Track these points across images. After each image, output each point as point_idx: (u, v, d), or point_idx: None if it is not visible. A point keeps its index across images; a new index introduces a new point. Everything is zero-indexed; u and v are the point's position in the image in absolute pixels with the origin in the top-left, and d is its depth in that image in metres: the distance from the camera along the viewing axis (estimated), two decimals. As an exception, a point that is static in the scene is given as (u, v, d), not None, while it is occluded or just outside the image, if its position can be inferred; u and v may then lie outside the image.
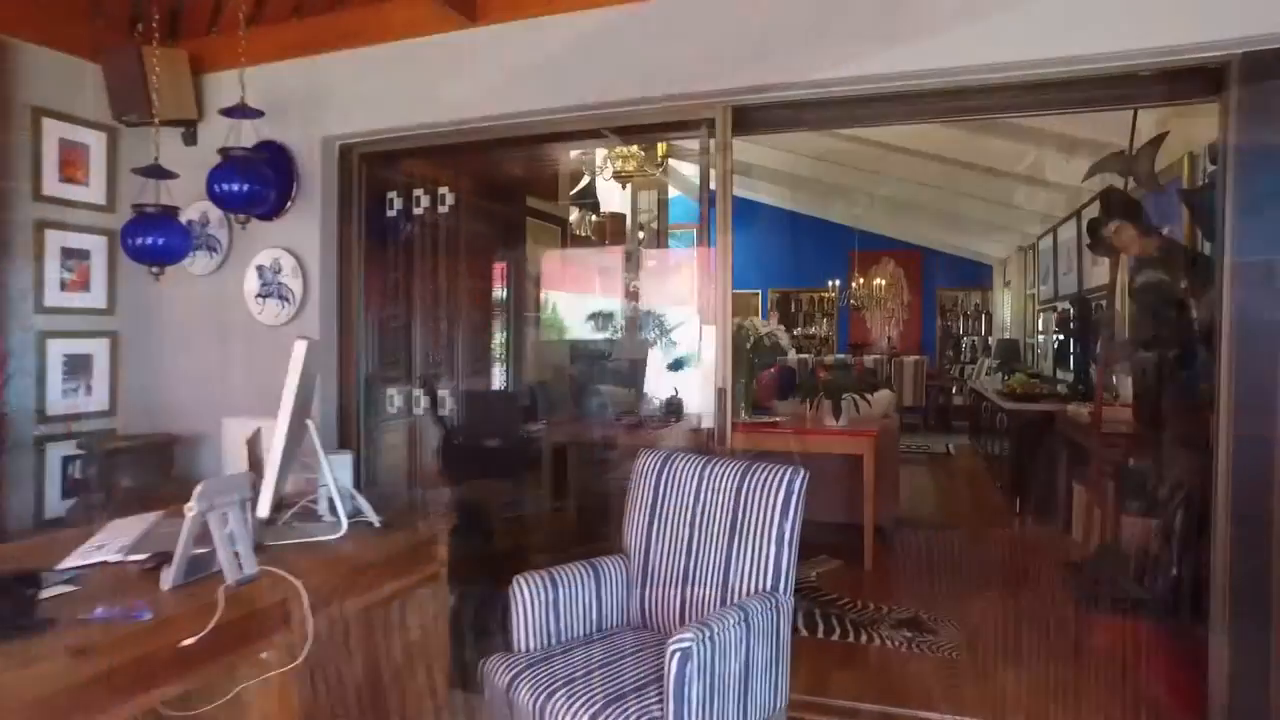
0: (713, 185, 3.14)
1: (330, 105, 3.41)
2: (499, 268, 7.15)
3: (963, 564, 4.83)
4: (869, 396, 4.91)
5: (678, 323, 5.85)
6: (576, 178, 9.98)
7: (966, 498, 6.83)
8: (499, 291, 6.79)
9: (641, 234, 11.50)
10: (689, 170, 13.22)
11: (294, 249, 3.47)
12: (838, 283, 11.76)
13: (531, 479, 4.53)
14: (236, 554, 1.76)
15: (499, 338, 6.01)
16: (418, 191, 3.63)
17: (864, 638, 3.68)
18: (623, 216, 10.05)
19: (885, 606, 4.06)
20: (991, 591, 4.30)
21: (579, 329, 8.87)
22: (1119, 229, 3.71)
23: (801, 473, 2.23)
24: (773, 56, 2.75)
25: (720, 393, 2.87)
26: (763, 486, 2.25)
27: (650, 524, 2.50)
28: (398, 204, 3.65)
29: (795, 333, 14.46)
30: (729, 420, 2.87)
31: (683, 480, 2.46)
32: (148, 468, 3.48)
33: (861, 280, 11.98)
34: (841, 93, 2.82)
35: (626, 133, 3.36)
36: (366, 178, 3.61)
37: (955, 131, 6.64)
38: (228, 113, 3.17)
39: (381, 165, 3.66)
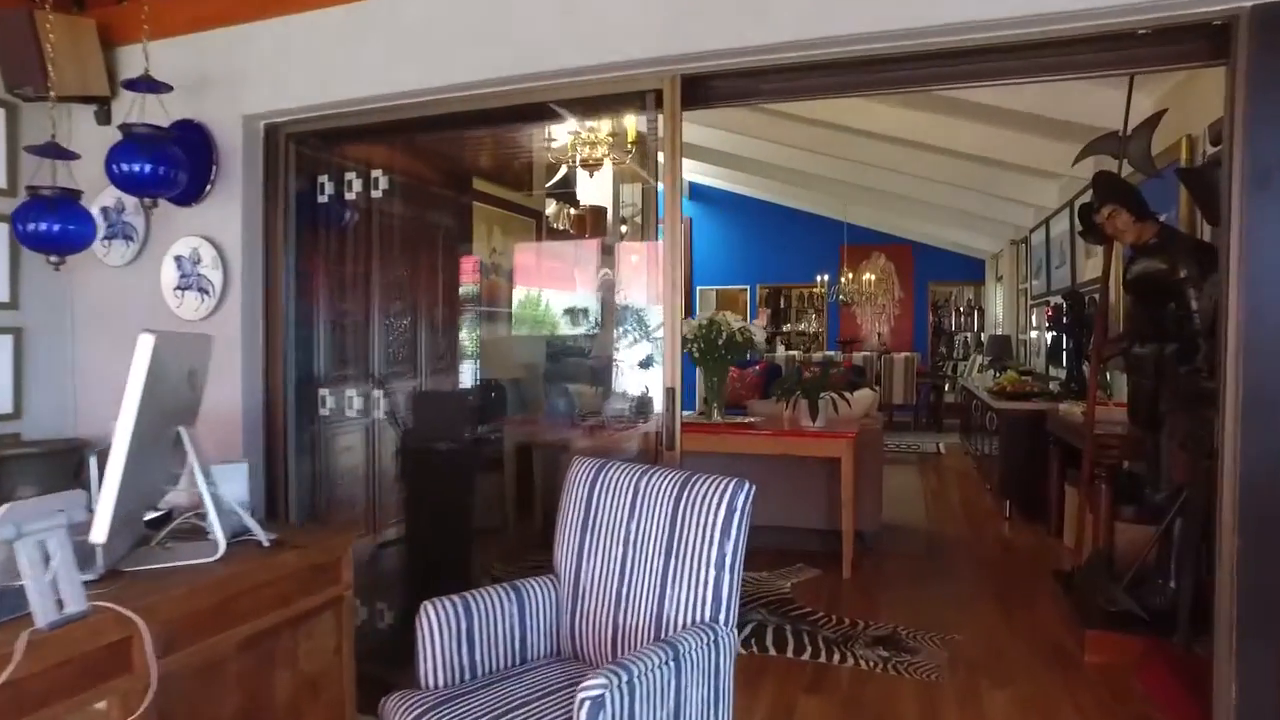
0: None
1: (251, 80, 3.11)
2: (471, 261, 6.87)
3: (947, 572, 4.56)
4: (848, 396, 4.62)
5: (650, 317, 5.56)
6: (553, 170, 9.70)
7: (955, 500, 6.55)
8: (470, 286, 6.51)
9: (624, 228, 11.23)
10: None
11: (214, 238, 3.17)
12: (826, 278, 11.48)
13: (487, 485, 4.25)
14: (57, 589, 1.48)
15: (466, 334, 5.73)
16: (350, 175, 3.33)
17: (837, 657, 3.40)
18: (604, 210, 9.76)
19: (862, 621, 3.77)
20: (977, 603, 4.03)
21: (554, 324, 8.61)
22: (1112, 214, 3.42)
23: (746, 487, 1.94)
24: (726, 16, 2.46)
25: (669, 393, 2.58)
26: (701, 502, 1.96)
27: (582, 541, 2.21)
28: (329, 189, 3.35)
29: (785, 329, 14.20)
30: (678, 422, 2.58)
31: (618, 492, 2.17)
32: (55, 476, 3.17)
33: (851, 275, 11.70)
34: (805, 58, 2.53)
35: (570, 107, 3.07)
36: (297, 161, 3.32)
37: (942, 118, 6.37)
38: (130, 85, 2.87)
39: (316, 147, 3.37)
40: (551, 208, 9.14)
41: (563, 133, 5.37)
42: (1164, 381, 3.34)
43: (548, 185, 8.71)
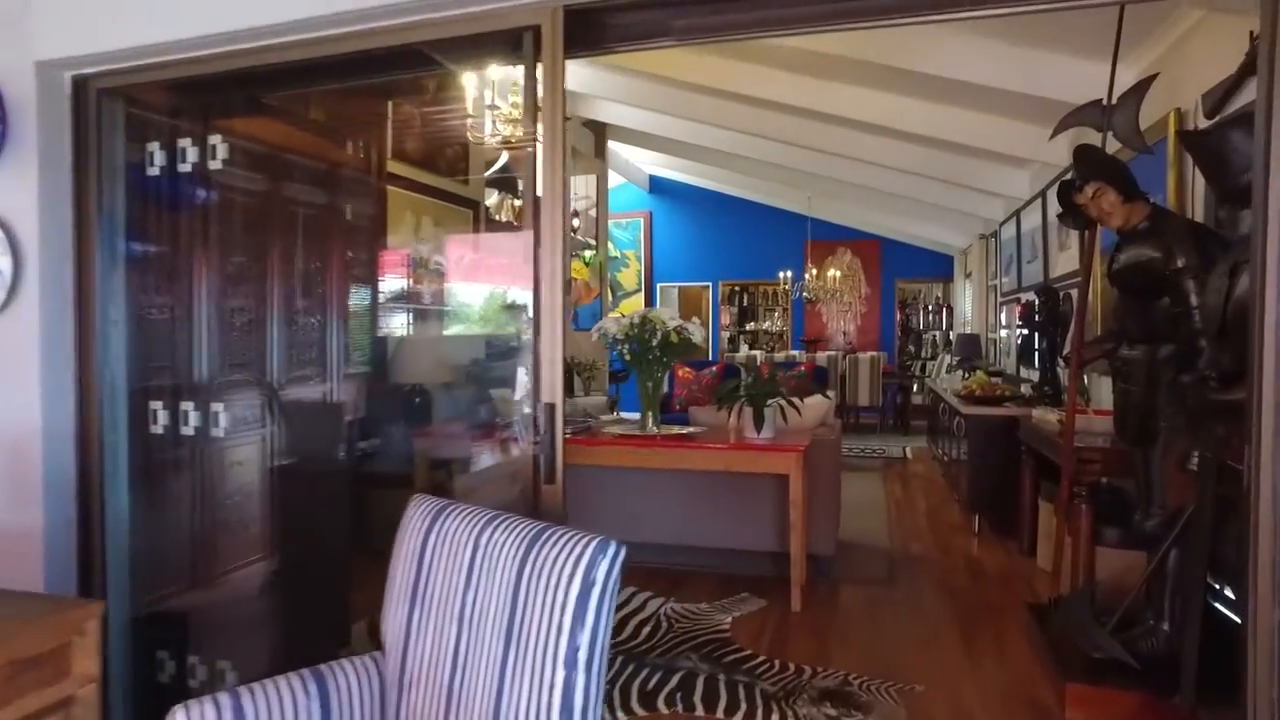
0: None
1: (40, 17, 2.51)
2: (399, 254, 6.32)
3: (910, 603, 4.04)
4: (798, 403, 4.09)
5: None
6: (495, 159, 9.10)
7: (920, 511, 6.06)
8: (397, 280, 5.96)
9: (576, 222, 10.63)
10: (629, 153, 12.36)
11: (1, 216, 2.57)
12: (790, 274, 10.98)
13: (381, 511, 3.66)
14: None
15: (379, 332, 5.13)
16: (182, 142, 2.74)
17: (775, 717, 2.86)
18: (552, 201, 9.14)
19: (809, 668, 3.24)
20: (942, 644, 3.51)
21: (496, 322, 8.03)
22: (1098, 193, 2.91)
23: (611, 551, 1.38)
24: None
25: (548, 411, 2.01)
26: (549, 572, 1.40)
27: (410, 613, 1.65)
28: (158, 159, 2.75)
29: (749, 328, 13.71)
30: (559, 450, 2.01)
31: (455, 548, 1.61)
32: None
33: (815, 271, 11.21)
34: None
35: (438, 54, 2.49)
36: (122, 121, 2.72)
37: (906, 100, 5.87)
38: None
39: (159, 109, 2.78)
40: (493, 198, 8.55)
41: (486, 113, 4.77)
42: (1157, 390, 2.84)
43: (487, 174, 8.12)
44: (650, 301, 13.35)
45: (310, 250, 3.57)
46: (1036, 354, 5.74)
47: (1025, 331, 6.80)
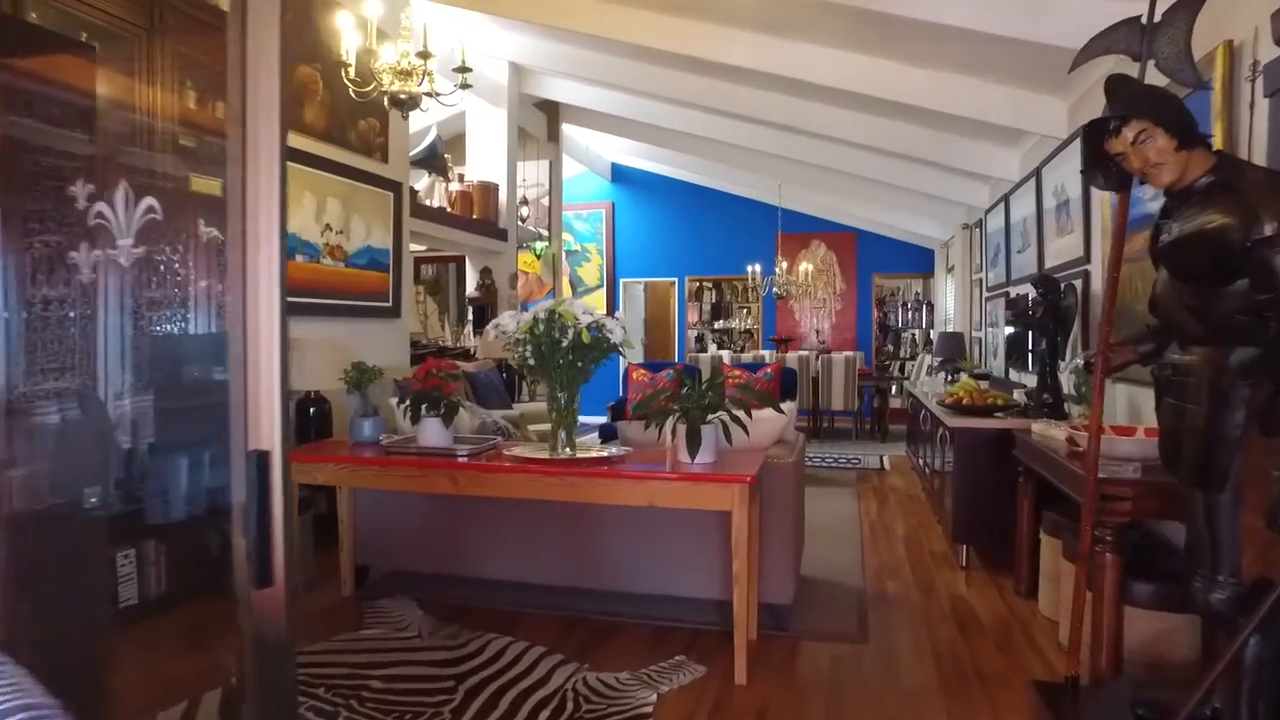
0: None
1: None
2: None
3: (884, 672, 3.22)
4: (746, 420, 3.26)
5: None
6: (426, 137, 8.19)
7: (899, 536, 5.26)
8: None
9: (526, 210, 9.75)
10: (589, 139, 11.49)
11: None
12: (759, 268, 10.17)
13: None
14: None
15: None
16: None
17: None
18: (495, 188, 8.30)
19: (750, 781, 2.41)
20: (926, 736, 2.69)
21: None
22: (1142, 137, 2.11)
23: None
24: None
25: (259, 461, 1.17)
26: None
27: None
28: None
29: (718, 325, 12.91)
30: (276, 530, 1.17)
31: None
32: None
33: (786, 265, 10.41)
34: None
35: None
36: None
37: (884, 63, 5.06)
38: None
39: None
40: (423, 181, 7.65)
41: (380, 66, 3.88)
42: (1227, 409, 2.03)
43: (413, 154, 7.23)
44: (613, 299, 12.52)
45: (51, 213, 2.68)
46: (1031, 356, 4.96)
47: (1015, 329, 6.02)
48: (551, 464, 3.18)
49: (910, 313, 11.85)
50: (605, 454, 3.36)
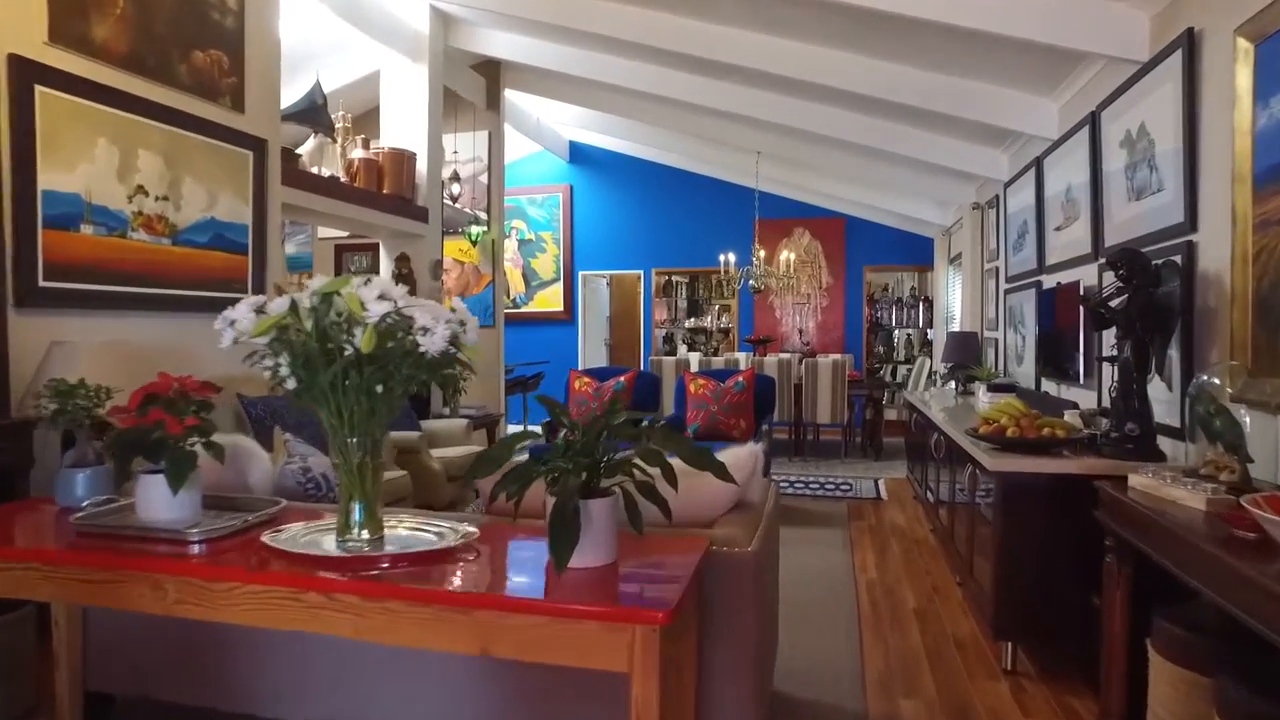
0: None
1: None
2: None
3: None
4: (669, 491, 1.85)
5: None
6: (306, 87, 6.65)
7: (908, 614, 3.88)
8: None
9: (456, 187, 8.30)
10: (540, 109, 10.01)
11: None
12: (733, 258, 8.78)
13: None
14: None
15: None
16: None
17: None
18: (411, 157, 6.84)
19: None
20: None
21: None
22: None
23: None
24: None
25: None
26: None
27: None
28: None
29: (687, 325, 11.52)
30: None
31: None
32: None
33: (764, 254, 9.01)
34: None
35: None
36: None
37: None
38: None
39: None
40: (309, 143, 6.19)
41: None
42: None
43: (286, 108, 5.75)
44: (571, 293, 11.09)
45: None
46: (1112, 370, 3.59)
47: (1045, 329, 4.67)
48: (309, 578, 1.75)
49: (906, 310, 10.50)
50: (437, 539, 1.94)
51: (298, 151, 5.77)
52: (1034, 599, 3.03)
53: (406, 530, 2.05)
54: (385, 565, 1.83)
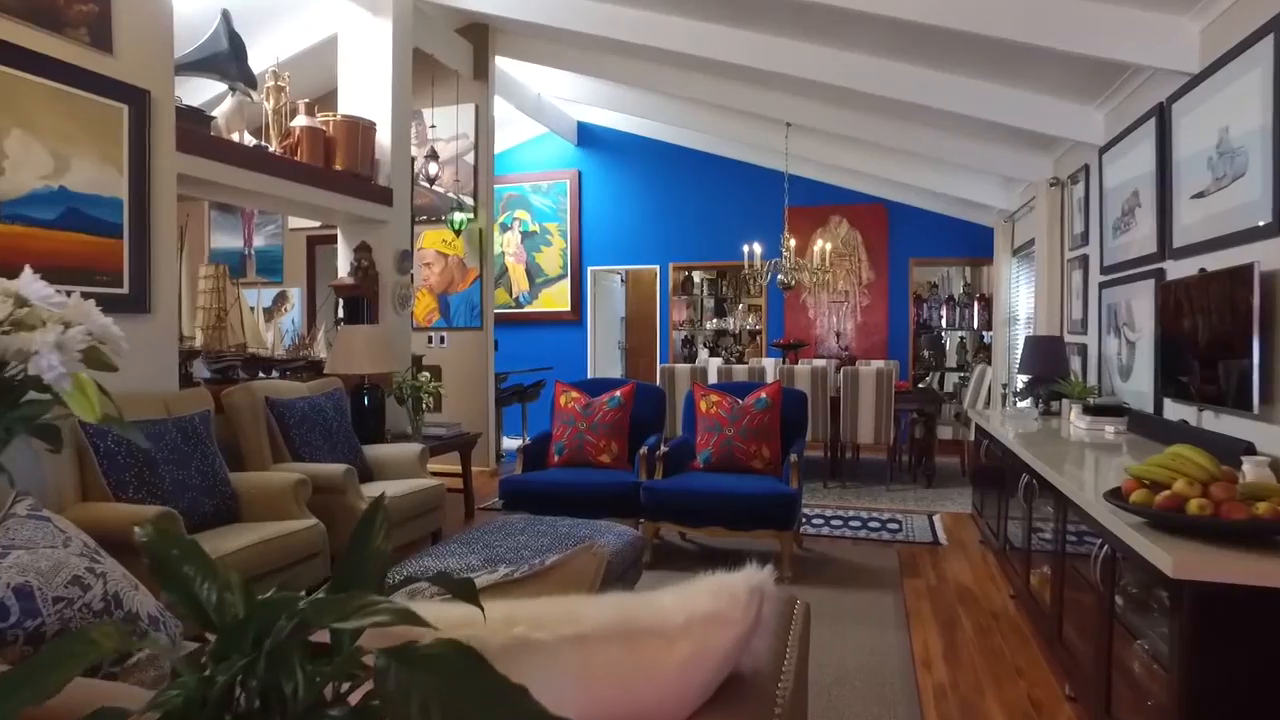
0: None
1: None
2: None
3: None
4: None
5: None
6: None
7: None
8: None
9: (434, 167, 7.15)
10: (538, 80, 8.81)
11: None
12: (759, 249, 7.53)
13: None
14: None
15: None
16: None
17: None
18: (370, 127, 5.67)
19: None
20: None
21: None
22: None
23: None
24: None
25: None
26: None
27: None
28: None
29: (709, 326, 10.29)
30: None
31: None
32: None
33: (793, 244, 7.74)
34: None
35: None
36: None
37: None
38: None
39: None
40: (226, 103, 5.05)
41: None
42: None
43: (182, 56, 4.58)
44: (579, 291, 9.92)
45: None
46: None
47: (1166, 332, 3.41)
48: None
49: (959, 310, 9.16)
50: None
51: (212, 114, 4.66)
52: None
53: None
54: None
